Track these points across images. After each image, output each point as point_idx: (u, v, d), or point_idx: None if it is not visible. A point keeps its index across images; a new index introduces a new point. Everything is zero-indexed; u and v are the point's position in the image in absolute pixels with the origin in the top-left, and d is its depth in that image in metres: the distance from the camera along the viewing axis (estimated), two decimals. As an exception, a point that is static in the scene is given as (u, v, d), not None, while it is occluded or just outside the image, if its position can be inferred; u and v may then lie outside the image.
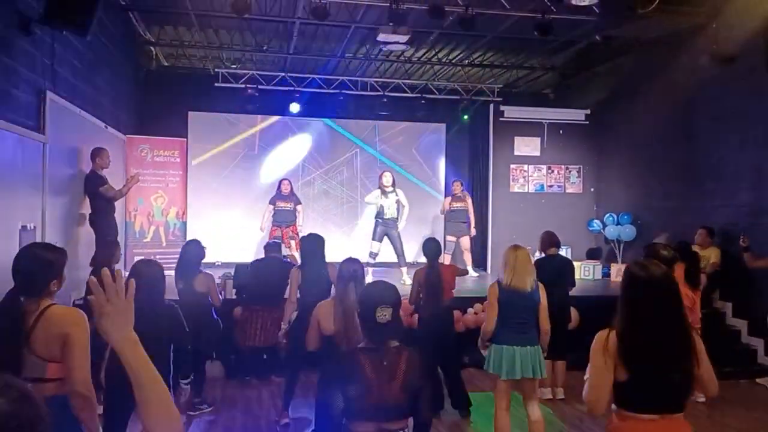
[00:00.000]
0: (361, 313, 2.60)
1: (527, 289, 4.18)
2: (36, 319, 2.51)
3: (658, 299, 2.34)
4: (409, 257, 9.53)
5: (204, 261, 5.76)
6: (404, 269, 8.81)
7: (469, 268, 9.74)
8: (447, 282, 5.62)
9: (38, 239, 5.62)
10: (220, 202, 10.88)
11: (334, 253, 5.55)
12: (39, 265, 2.62)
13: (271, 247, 6.73)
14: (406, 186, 10.09)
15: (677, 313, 2.35)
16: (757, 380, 6.62)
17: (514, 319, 4.20)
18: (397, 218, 8.87)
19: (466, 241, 9.71)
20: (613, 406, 2.41)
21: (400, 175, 9.23)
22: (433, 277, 5.47)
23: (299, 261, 8.45)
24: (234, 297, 6.90)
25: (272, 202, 9.23)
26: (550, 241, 5.91)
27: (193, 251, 5.59)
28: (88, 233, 7.04)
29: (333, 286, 5.07)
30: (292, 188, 9.35)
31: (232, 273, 7.14)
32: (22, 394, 1.14)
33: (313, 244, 5.11)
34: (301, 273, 5.11)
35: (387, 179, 8.80)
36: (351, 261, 3.93)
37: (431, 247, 5.65)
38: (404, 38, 6.45)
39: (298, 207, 9.28)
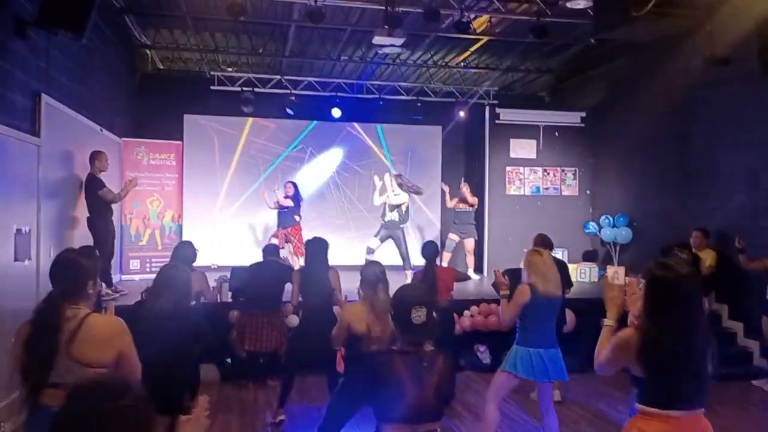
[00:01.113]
0: (395, 314, 2.57)
1: (558, 294, 4.21)
2: (78, 325, 2.54)
3: (687, 298, 2.39)
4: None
5: (200, 264, 5.75)
6: (408, 272, 8.81)
7: (471, 271, 9.73)
8: (443, 282, 5.64)
9: (33, 243, 5.61)
10: (215, 206, 10.87)
11: (331, 256, 5.56)
12: (75, 269, 2.69)
13: (269, 251, 6.69)
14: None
15: (702, 312, 2.44)
16: (753, 382, 6.63)
17: (542, 324, 4.20)
18: (400, 221, 8.87)
19: (470, 243, 9.70)
20: (638, 405, 2.44)
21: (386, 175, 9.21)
22: (429, 278, 5.48)
23: (294, 264, 8.52)
24: (230, 300, 6.88)
25: (273, 205, 9.30)
26: (542, 243, 5.93)
27: (184, 252, 5.55)
28: (82, 236, 7.02)
29: (336, 291, 5.11)
30: (295, 192, 9.33)
31: (228, 276, 7.12)
32: (138, 395, 1.29)
33: (318, 248, 5.12)
34: (301, 276, 5.11)
35: (388, 182, 8.83)
36: (373, 264, 3.96)
37: (428, 250, 5.72)
38: (399, 41, 6.46)
39: (296, 217, 9.28)
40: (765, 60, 6.09)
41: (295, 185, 9.45)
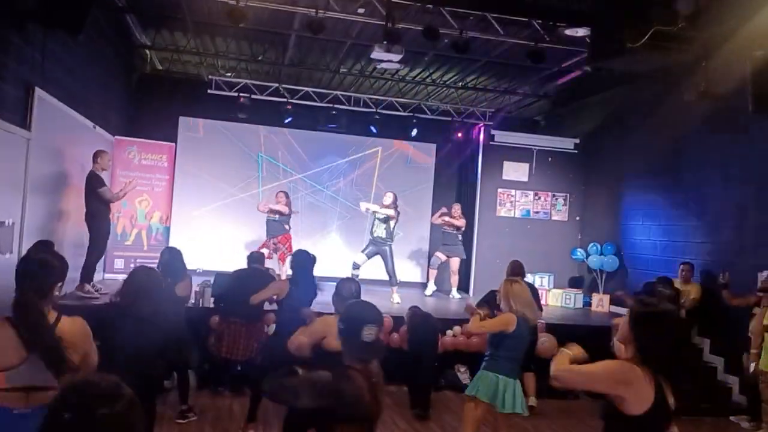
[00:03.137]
0: (344, 330, 2.53)
1: (535, 324, 4.23)
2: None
3: (674, 334, 2.45)
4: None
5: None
6: (395, 288, 8.80)
7: (454, 290, 9.77)
8: None
9: (16, 236, 5.56)
10: (204, 210, 10.82)
11: (322, 266, 5.58)
12: (49, 271, 2.67)
13: (254, 258, 6.64)
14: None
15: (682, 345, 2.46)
16: (731, 418, 6.62)
17: (517, 352, 4.19)
18: (387, 238, 8.86)
19: (455, 263, 9.78)
20: None
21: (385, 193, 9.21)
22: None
23: (280, 274, 8.46)
24: (212, 306, 6.82)
25: (264, 208, 9.26)
26: (518, 271, 6.04)
27: (176, 257, 5.50)
28: (69, 232, 6.97)
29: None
30: (286, 201, 9.30)
31: (211, 281, 7.06)
32: (130, 399, 1.28)
33: (305, 261, 5.11)
34: (288, 287, 5.09)
35: (387, 198, 8.87)
36: (350, 281, 3.94)
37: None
38: (397, 57, 6.48)
39: (286, 226, 9.23)
40: (757, 98, 6.16)
41: (286, 194, 9.44)
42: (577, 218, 10.89)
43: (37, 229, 6.06)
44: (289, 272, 7.21)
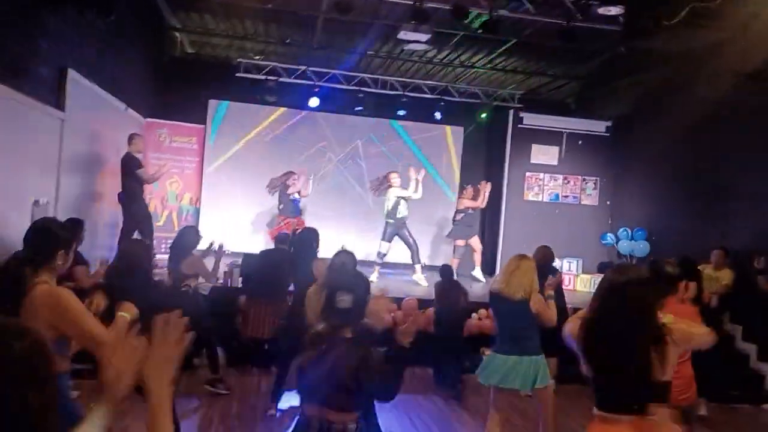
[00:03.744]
0: (326, 296, 2.63)
1: (515, 297, 4.11)
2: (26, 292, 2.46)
3: (618, 303, 2.34)
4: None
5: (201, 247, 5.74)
6: (418, 267, 8.73)
7: (477, 269, 9.63)
8: None
9: (50, 215, 5.69)
10: (233, 191, 10.91)
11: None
12: (47, 236, 2.63)
13: (280, 239, 6.71)
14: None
15: (636, 321, 2.31)
16: (764, 406, 6.49)
17: (508, 328, 4.16)
18: (407, 216, 8.78)
19: (476, 241, 9.60)
20: (594, 409, 2.39)
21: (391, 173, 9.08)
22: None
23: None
24: (240, 285, 6.93)
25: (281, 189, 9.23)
26: (545, 257, 5.97)
27: (186, 239, 5.52)
28: (102, 211, 7.12)
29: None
30: (303, 182, 9.31)
31: (240, 262, 7.16)
32: (36, 339, 1.21)
33: (307, 237, 5.12)
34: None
35: (395, 179, 8.76)
36: (342, 253, 3.92)
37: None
38: (425, 37, 6.42)
39: (299, 209, 9.21)
40: (798, 77, 5.96)
41: (302, 176, 9.43)
42: (608, 202, 10.71)
43: (71, 208, 6.19)
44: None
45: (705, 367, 3.78)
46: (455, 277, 7.29)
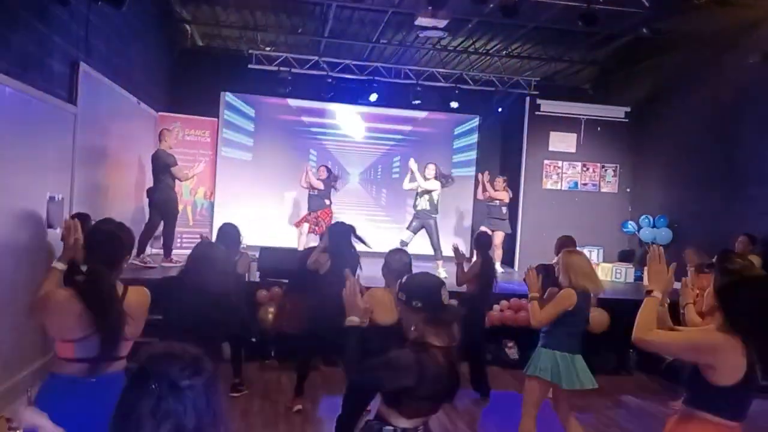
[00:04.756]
0: (424, 299, 2.34)
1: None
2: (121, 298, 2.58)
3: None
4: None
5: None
6: (440, 262, 8.64)
7: (498, 265, 9.51)
8: None
9: (66, 211, 5.61)
10: (247, 185, 10.83)
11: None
12: (118, 244, 2.70)
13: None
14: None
15: None
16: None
17: (576, 327, 4.00)
18: (431, 210, 8.69)
19: (499, 237, 9.46)
20: (702, 413, 2.29)
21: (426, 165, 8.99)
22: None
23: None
24: (258, 280, 6.85)
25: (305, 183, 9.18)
26: (566, 246, 5.78)
27: (235, 231, 5.48)
28: (117, 207, 7.05)
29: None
30: (328, 176, 9.21)
31: (257, 256, 7.07)
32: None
33: (343, 232, 5.01)
34: (329, 259, 4.97)
35: (429, 171, 8.65)
36: (398, 251, 3.82)
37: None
38: (442, 23, 6.26)
39: (326, 200, 9.13)
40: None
41: (328, 169, 9.34)
42: (628, 190, 10.51)
43: (85, 203, 6.11)
44: (311, 244, 7.17)
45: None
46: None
